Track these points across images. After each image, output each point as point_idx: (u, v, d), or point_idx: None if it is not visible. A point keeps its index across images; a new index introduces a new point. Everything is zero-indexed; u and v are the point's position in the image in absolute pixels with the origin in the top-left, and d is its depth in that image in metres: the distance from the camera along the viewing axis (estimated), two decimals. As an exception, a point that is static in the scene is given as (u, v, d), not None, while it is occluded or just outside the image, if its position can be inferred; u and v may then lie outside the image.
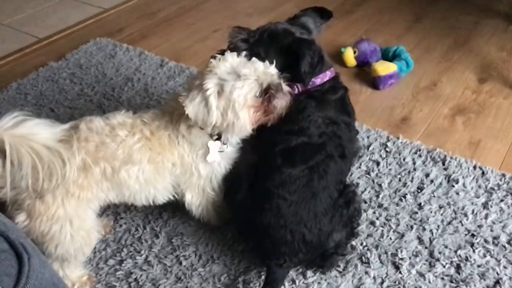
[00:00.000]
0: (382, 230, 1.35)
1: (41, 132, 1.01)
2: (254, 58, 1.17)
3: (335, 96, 1.30)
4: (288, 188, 1.16)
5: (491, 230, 1.33)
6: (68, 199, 1.10)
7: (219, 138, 1.21)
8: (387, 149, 1.60)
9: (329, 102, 1.28)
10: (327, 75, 1.31)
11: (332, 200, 1.19)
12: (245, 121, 1.14)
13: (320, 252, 1.20)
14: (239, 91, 1.10)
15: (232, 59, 1.14)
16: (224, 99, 1.11)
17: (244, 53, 1.20)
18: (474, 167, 1.52)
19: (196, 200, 1.29)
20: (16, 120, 0.98)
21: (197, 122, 1.14)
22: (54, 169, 1.00)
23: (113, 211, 1.44)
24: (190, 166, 1.22)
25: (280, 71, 1.19)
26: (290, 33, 1.29)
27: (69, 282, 1.23)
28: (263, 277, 1.24)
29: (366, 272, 1.25)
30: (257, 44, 1.28)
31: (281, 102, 1.15)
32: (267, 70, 1.15)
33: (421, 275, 1.23)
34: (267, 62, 1.17)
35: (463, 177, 1.49)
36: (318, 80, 1.30)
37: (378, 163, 1.55)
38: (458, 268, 1.25)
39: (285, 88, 1.17)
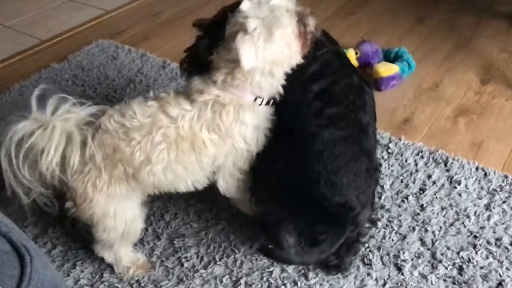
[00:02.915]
0: (384, 232, 1.34)
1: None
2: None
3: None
4: (337, 124, 1.12)
5: (494, 232, 1.33)
6: (98, 192, 1.11)
7: (268, 103, 1.16)
8: (389, 150, 1.60)
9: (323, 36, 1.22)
10: None
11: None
12: (297, 53, 1.11)
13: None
14: (283, 24, 1.06)
15: (248, 4, 1.07)
16: (273, 38, 1.05)
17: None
18: (477, 169, 1.52)
19: (233, 183, 1.23)
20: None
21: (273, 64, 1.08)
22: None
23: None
24: (243, 151, 1.16)
25: None
26: None
27: (125, 265, 1.26)
28: (265, 278, 1.24)
29: (368, 274, 1.24)
30: (214, 27, 1.20)
31: (312, 24, 1.12)
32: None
33: (424, 276, 1.23)
34: None
35: (465, 179, 1.48)
36: None
37: (380, 165, 1.55)
38: (460, 269, 1.24)
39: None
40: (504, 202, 1.41)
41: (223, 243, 1.35)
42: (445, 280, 1.22)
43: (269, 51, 1.05)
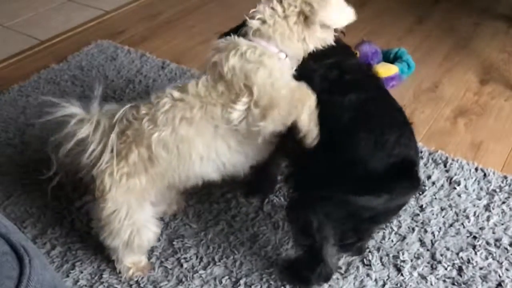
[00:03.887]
0: (384, 232, 1.34)
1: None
2: None
3: None
4: (359, 88, 1.09)
5: (493, 232, 1.33)
6: (116, 186, 1.10)
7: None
8: (389, 151, 1.60)
9: None
10: None
11: None
12: (331, 36, 1.16)
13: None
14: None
15: None
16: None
17: None
18: (476, 169, 1.52)
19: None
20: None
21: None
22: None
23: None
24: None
25: None
26: None
27: (126, 265, 1.25)
28: (264, 279, 1.24)
29: (368, 275, 1.24)
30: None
31: None
32: None
33: (423, 277, 1.23)
34: None
35: (464, 179, 1.48)
36: None
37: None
38: (460, 270, 1.24)
39: None
40: (504, 202, 1.41)
41: (223, 244, 1.35)
42: (444, 281, 1.22)
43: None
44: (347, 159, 1.02)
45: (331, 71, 1.13)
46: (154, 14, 2.62)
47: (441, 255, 1.28)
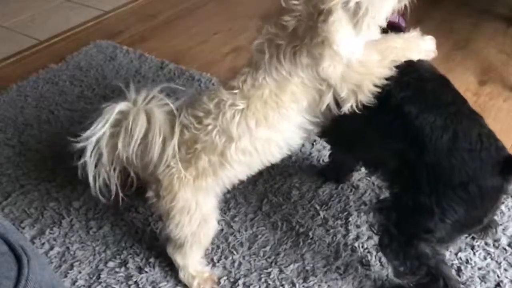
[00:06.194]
0: (383, 233, 1.34)
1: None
2: None
3: None
4: (446, 96, 1.07)
5: (492, 233, 1.33)
6: (184, 186, 1.11)
7: None
8: (388, 151, 1.60)
9: None
10: None
11: None
12: None
13: None
14: None
15: None
16: None
17: None
18: (475, 170, 1.52)
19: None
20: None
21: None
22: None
23: (113, 212, 1.44)
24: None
25: None
26: None
27: (189, 276, 1.24)
28: (263, 279, 1.24)
29: (367, 275, 1.25)
30: None
31: None
32: None
33: (422, 277, 1.23)
34: None
35: (463, 180, 1.48)
36: None
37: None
38: (458, 270, 1.24)
39: None
40: (502, 203, 1.41)
41: (221, 245, 1.35)
42: (443, 281, 1.22)
43: None
44: (457, 183, 1.00)
45: (408, 74, 1.06)
46: (153, 14, 2.62)
47: (440, 255, 1.28)
